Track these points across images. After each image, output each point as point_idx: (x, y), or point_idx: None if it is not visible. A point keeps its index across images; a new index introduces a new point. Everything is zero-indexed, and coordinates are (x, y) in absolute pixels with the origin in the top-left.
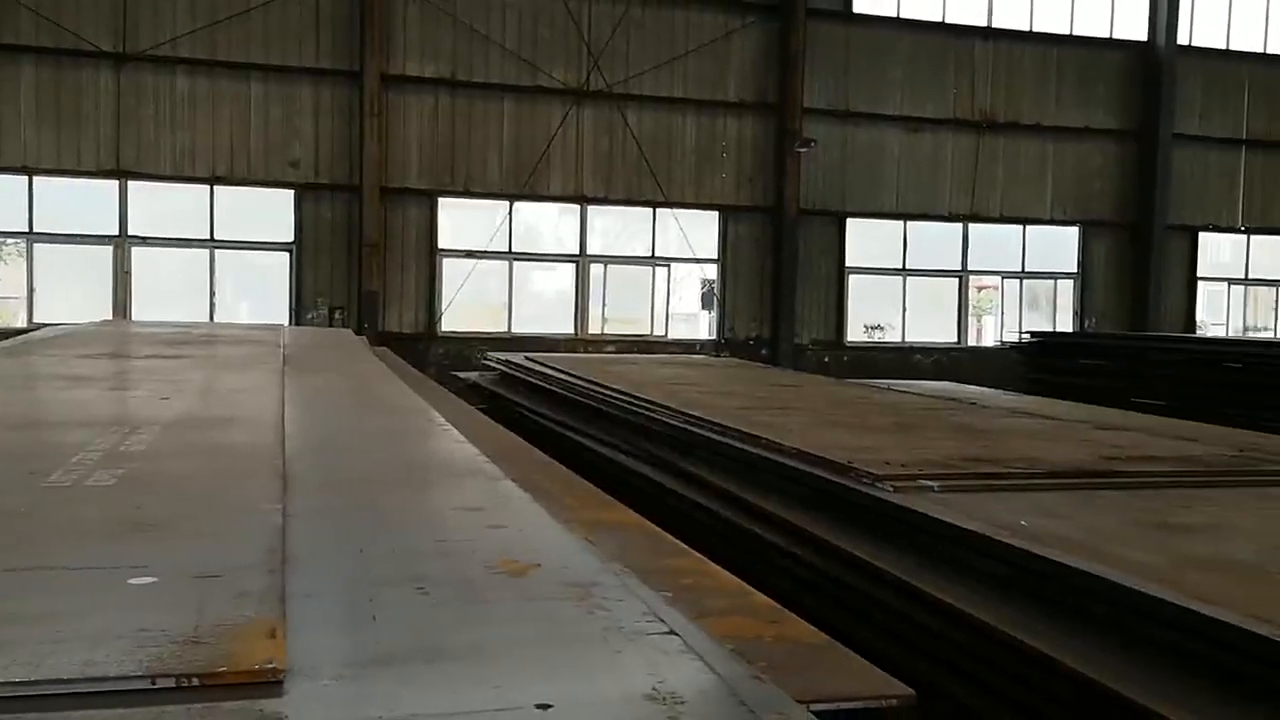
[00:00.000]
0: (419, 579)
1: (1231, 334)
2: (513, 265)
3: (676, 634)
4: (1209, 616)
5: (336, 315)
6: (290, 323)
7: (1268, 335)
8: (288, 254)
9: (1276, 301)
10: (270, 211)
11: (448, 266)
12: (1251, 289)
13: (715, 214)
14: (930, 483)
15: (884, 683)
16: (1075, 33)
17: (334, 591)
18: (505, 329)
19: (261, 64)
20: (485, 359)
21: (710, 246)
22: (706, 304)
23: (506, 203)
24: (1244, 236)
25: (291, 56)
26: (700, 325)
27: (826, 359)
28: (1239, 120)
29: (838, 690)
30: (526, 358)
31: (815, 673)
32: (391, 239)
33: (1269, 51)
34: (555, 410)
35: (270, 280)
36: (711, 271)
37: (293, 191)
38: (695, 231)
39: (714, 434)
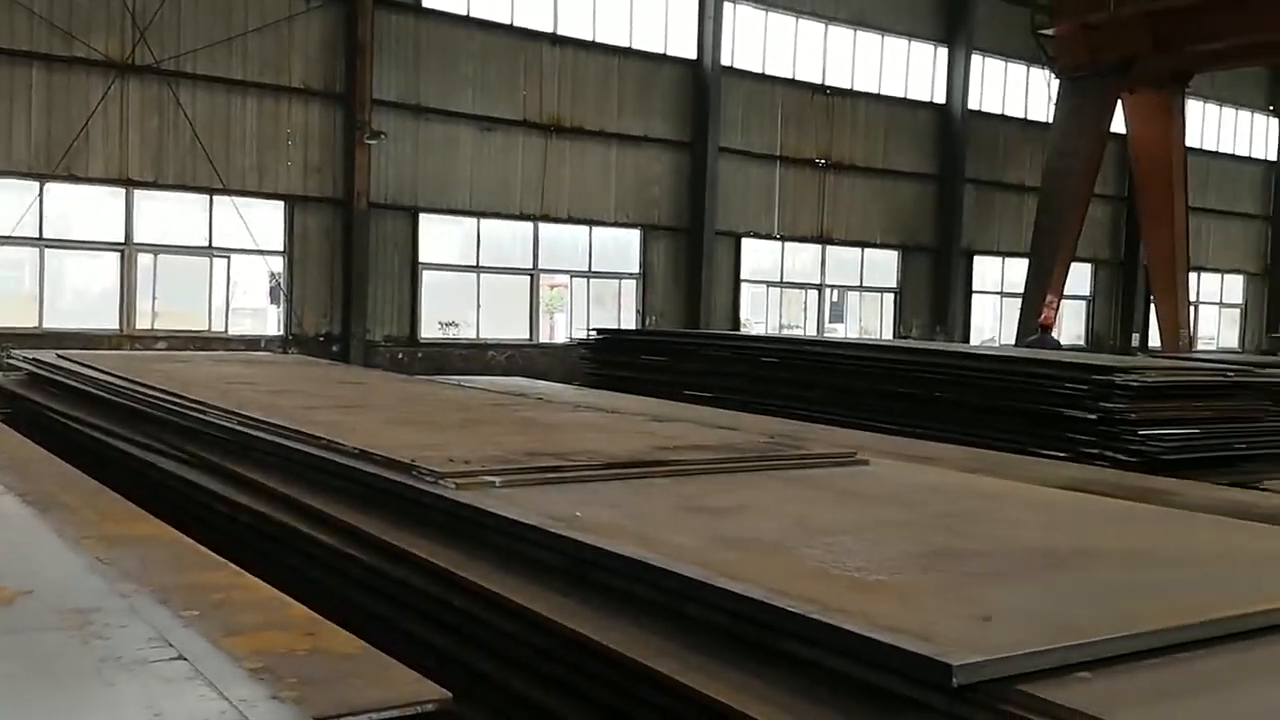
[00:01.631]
0: None
1: (770, 331)
2: (44, 253)
3: (185, 659)
4: (737, 593)
5: None
6: None
7: (799, 332)
8: None
9: (805, 302)
10: None
11: None
12: (786, 291)
13: (281, 204)
14: (493, 478)
15: (418, 688)
16: (635, 46)
17: None
18: (36, 324)
19: None
20: (10, 358)
21: (276, 238)
22: (275, 299)
23: (36, 183)
24: (779, 244)
25: None
26: (269, 321)
27: (400, 356)
28: (774, 138)
29: (369, 700)
30: (59, 355)
31: (349, 684)
32: None
33: (796, 78)
34: (92, 414)
35: None
36: (278, 264)
37: None
38: (259, 222)
39: (270, 435)
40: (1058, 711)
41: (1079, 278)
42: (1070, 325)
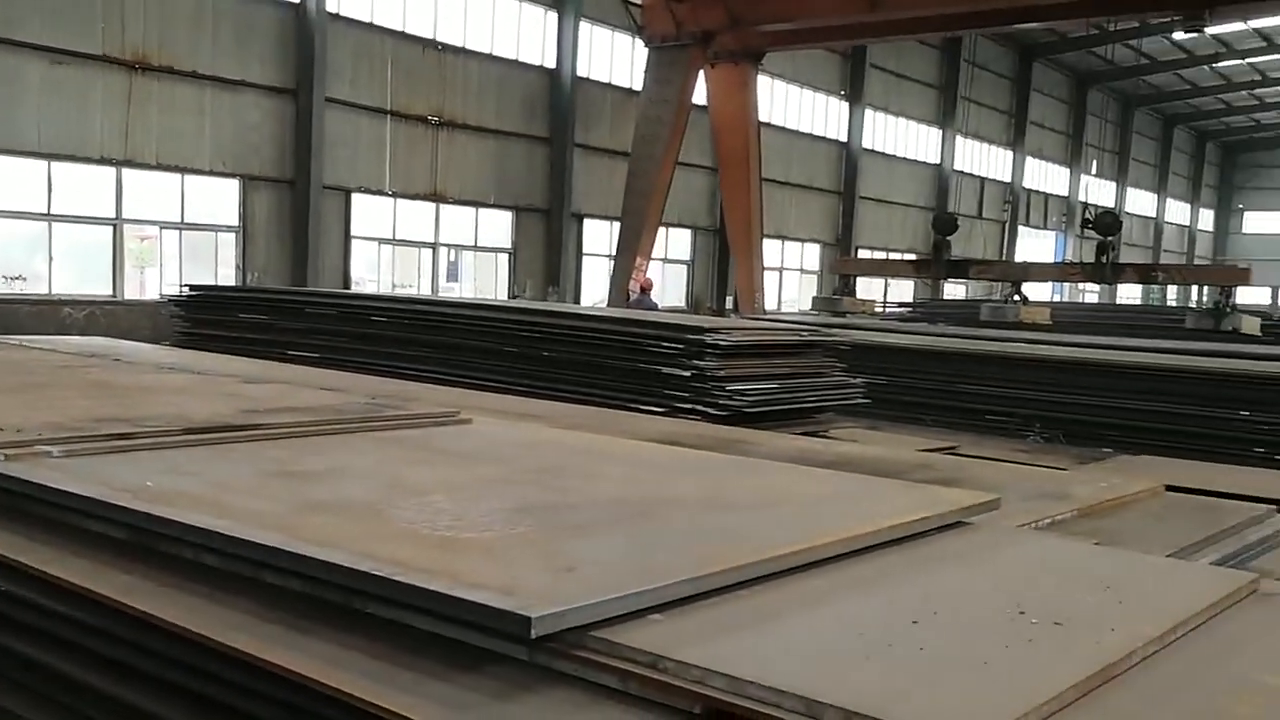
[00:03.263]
0: None
1: (383, 290)
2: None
3: None
4: (317, 558)
5: None
6: None
7: (412, 291)
8: None
9: (420, 261)
10: None
11: None
12: (401, 250)
13: None
14: (50, 448)
15: None
16: None
17: None
18: None
19: None
20: None
21: None
22: None
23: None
24: (391, 200)
25: None
26: None
27: None
28: (385, 92)
29: None
30: None
31: None
32: None
33: (408, 31)
34: None
35: None
36: None
37: None
38: None
39: None
40: (626, 653)
41: (679, 243)
42: (673, 288)
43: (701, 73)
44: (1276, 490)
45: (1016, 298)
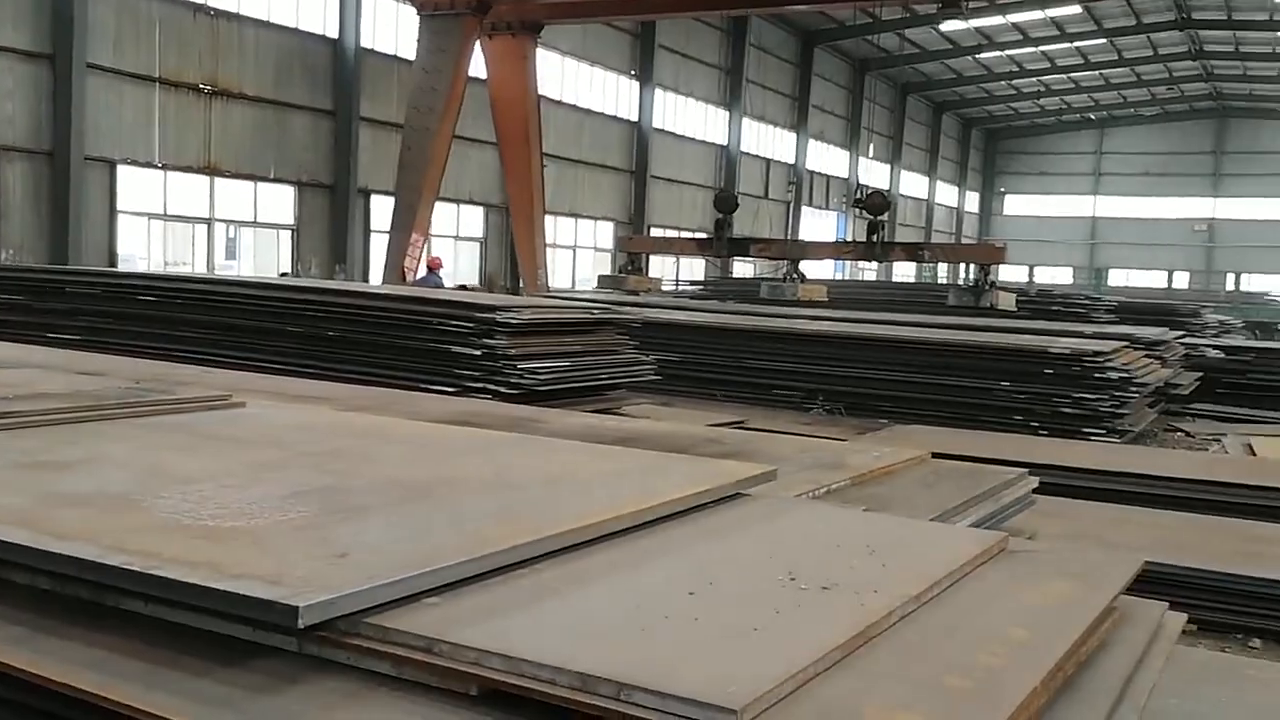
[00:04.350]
0: None
1: (155, 268)
2: None
3: None
4: (62, 554)
5: None
6: None
7: (187, 269)
8: None
9: (195, 238)
10: None
11: None
12: (171, 225)
13: None
14: None
15: None
16: None
17: None
18: None
19: None
20: None
21: None
22: None
23: None
24: (162, 173)
25: None
26: None
27: None
28: (151, 58)
29: None
30: None
31: None
32: None
33: None
34: None
35: None
36: None
37: None
38: None
39: None
40: (400, 638)
41: (472, 221)
42: (465, 267)
43: (480, 45)
44: (1030, 454)
45: (795, 276)
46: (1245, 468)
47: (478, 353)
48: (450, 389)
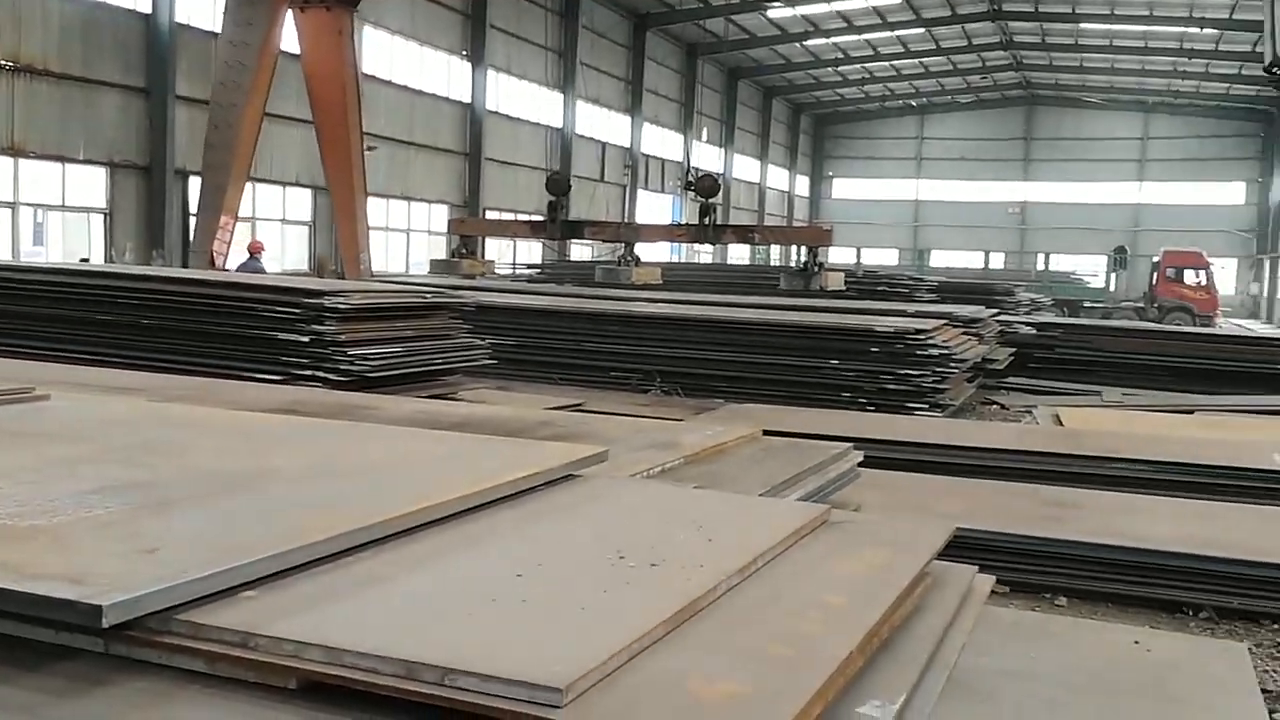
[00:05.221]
0: None
1: None
2: None
3: None
4: None
5: None
6: None
7: None
8: None
9: None
10: None
11: None
12: None
13: None
14: None
15: None
16: None
17: None
18: None
19: None
20: None
21: None
22: None
23: None
24: None
25: None
26: None
27: None
28: None
29: None
30: None
31: None
32: None
33: None
34: None
35: None
36: None
37: None
38: None
39: None
40: (213, 634)
41: (299, 203)
42: (294, 251)
43: (294, 19)
44: (857, 430)
45: (629, 259)
46: (1054, 437)
47: (305, 339)
48: (277, 377)
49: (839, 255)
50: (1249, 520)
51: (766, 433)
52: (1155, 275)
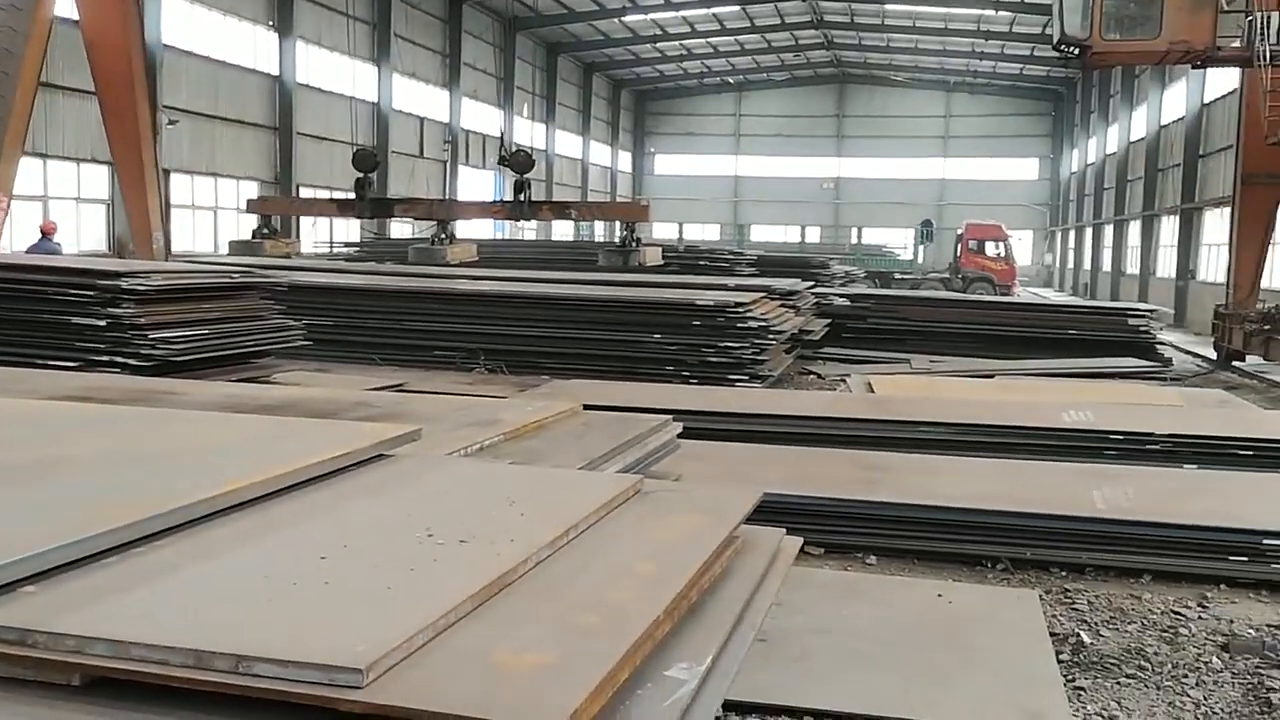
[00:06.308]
0: None
1: None
2: None
3: None
4: None
5: None
6: None
7: None
8: None
9: None
10: None
11: None
12: None
13: None
14: None
15: None
16: None
17: None
18: None
19: None
20: None
21: None
22: None
23: None
24: None
25: None
26: None
27: None
28: None
29: None
30: None
31: None
32: None
33: None
34: None
35: None
36: None
37: None
38: None
39: None
40: None
41: (95, 181)
42: (90, 232)
43: None
44: (678, 401)
45: (445, 236)
46: (865, 404)
47: (102, 323)
48: (71, 364)
49: (663, 231)
50: (1042, 476)
51: (588, 407)
52: (959, 247)
